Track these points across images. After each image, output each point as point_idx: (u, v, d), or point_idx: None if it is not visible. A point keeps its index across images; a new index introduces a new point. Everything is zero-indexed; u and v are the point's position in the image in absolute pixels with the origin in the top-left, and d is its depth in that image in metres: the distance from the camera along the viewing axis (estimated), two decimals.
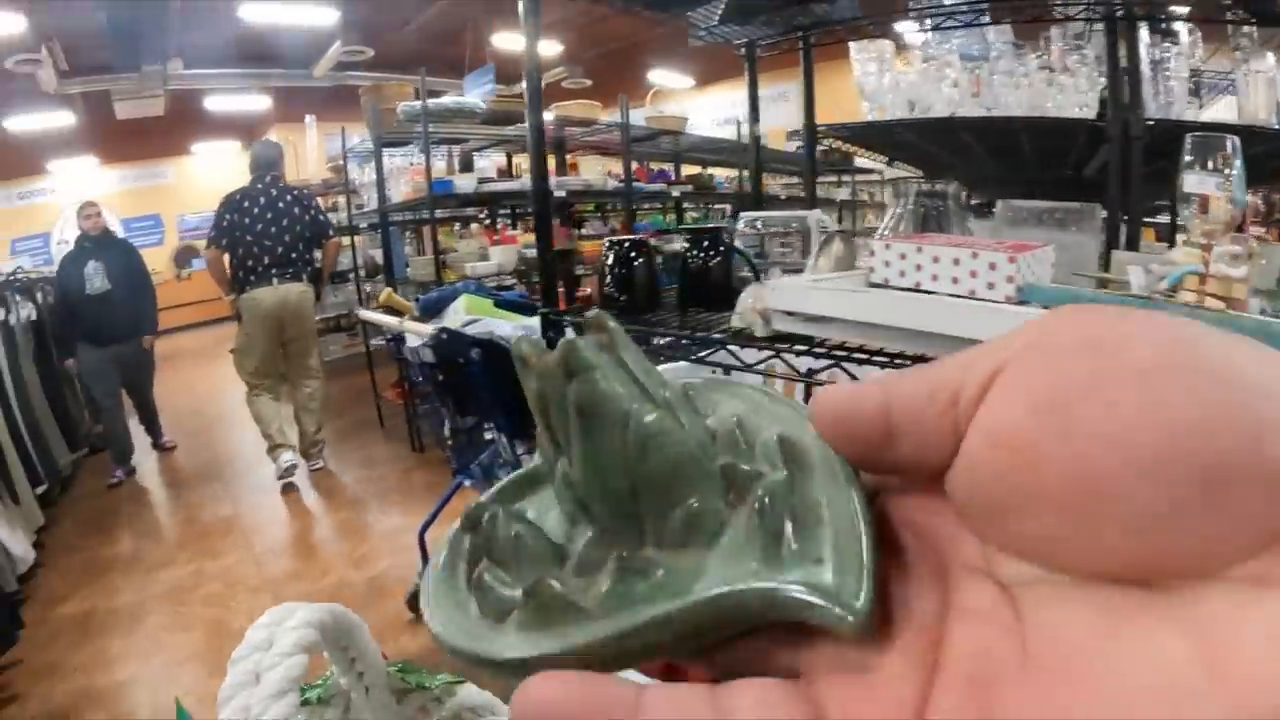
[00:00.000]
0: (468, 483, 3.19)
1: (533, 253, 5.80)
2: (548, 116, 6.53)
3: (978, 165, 2.66)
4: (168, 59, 11.44)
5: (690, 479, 0.30)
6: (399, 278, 5.84)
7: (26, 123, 12.88)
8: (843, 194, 11.69)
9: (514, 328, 2.93)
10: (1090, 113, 2.18)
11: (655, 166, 8.46)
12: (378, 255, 6.66)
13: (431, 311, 3.27)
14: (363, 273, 7.08)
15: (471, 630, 0.31)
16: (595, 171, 6.47)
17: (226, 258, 5.24)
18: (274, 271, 5.19)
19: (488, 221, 8.15)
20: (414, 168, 5.87)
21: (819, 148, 3.35)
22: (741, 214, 2.39)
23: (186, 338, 14.01)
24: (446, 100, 5.44)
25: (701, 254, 2.08)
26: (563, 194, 5.89)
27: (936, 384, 0.28)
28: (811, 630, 0.26)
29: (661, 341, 1.98)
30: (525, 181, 5.90)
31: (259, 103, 14.32)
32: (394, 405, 6.32)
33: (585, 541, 0.32)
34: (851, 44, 2.61)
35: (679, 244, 2.08)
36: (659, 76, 13.71)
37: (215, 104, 14.14)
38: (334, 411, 6.50)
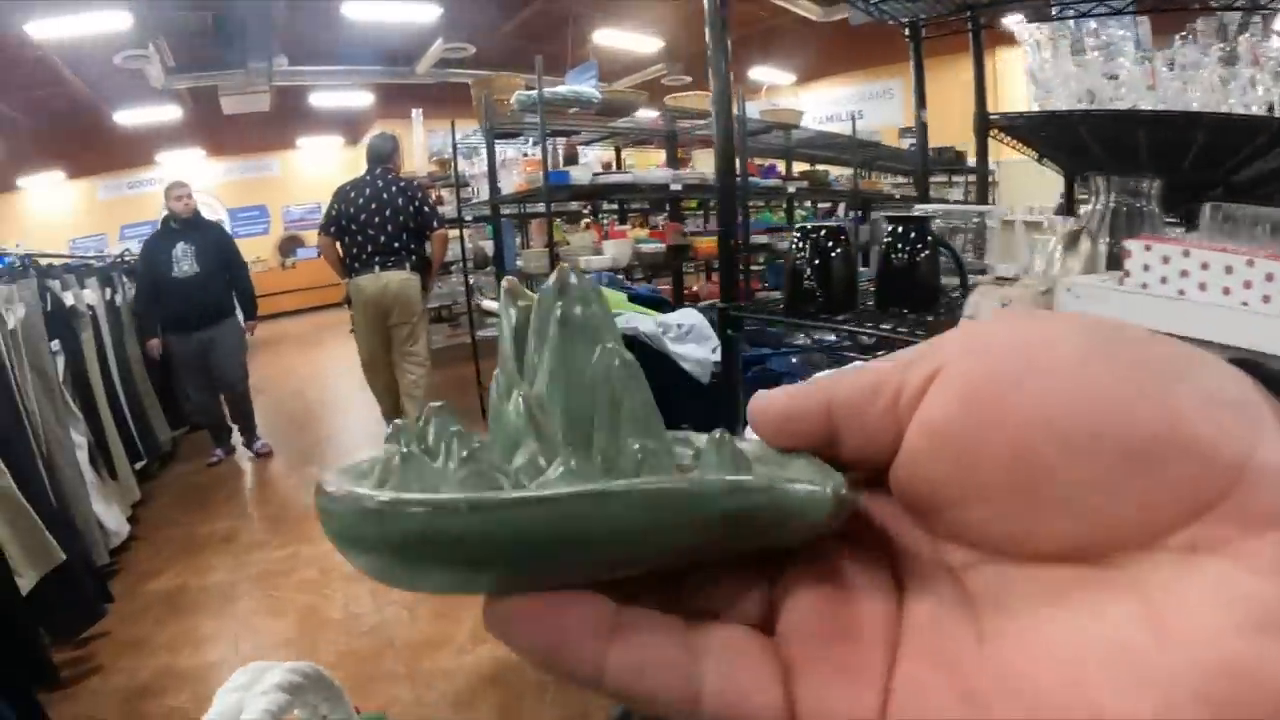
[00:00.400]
0: None
1: (647, 247, 5.64)
2: (651, 113, 6.30)
3: (1130, 163, 2.32)
4: (273, 56, 11.59)
5: (646, 424, 0.29)
6: (509, 269, 5.64)
7: (136, 116, 13.19)
8: (955, 194, 11.07)
9: (655, 323, 2.68)
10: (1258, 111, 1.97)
11: (759, 162, 8.08)
12: (486, 247, 6.51)
13: None
14: (470, 264, 6.87)
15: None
16: (710, 165, 6.12)
17: (339, 246, 5.33)
18: (377, 260, 5.22)
19: (590, 216, 7.98)
20: (527, 159, 5.69)
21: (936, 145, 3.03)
22: (917, 206, 2.22)
23: (290, 323, 14.22)
24: (562, 89, 5.20)
25: (905, 248, 1.79)
26: (678, 188, 5.62)
27: (878, 384, 0.28)
28: (783, 582, 0.28)
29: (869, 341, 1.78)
30: (640, 174, 5.71)
31: (362, 99, 14.42)
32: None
33: (527, 456, 0.29)
34: (1021, 27, 2.39)
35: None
36: (760, 74, 13.39)
37: (319, 100, 14.32)
38: (436, 400, 6.39)
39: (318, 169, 16.54)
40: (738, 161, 6.20)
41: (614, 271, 5.40)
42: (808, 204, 9.23)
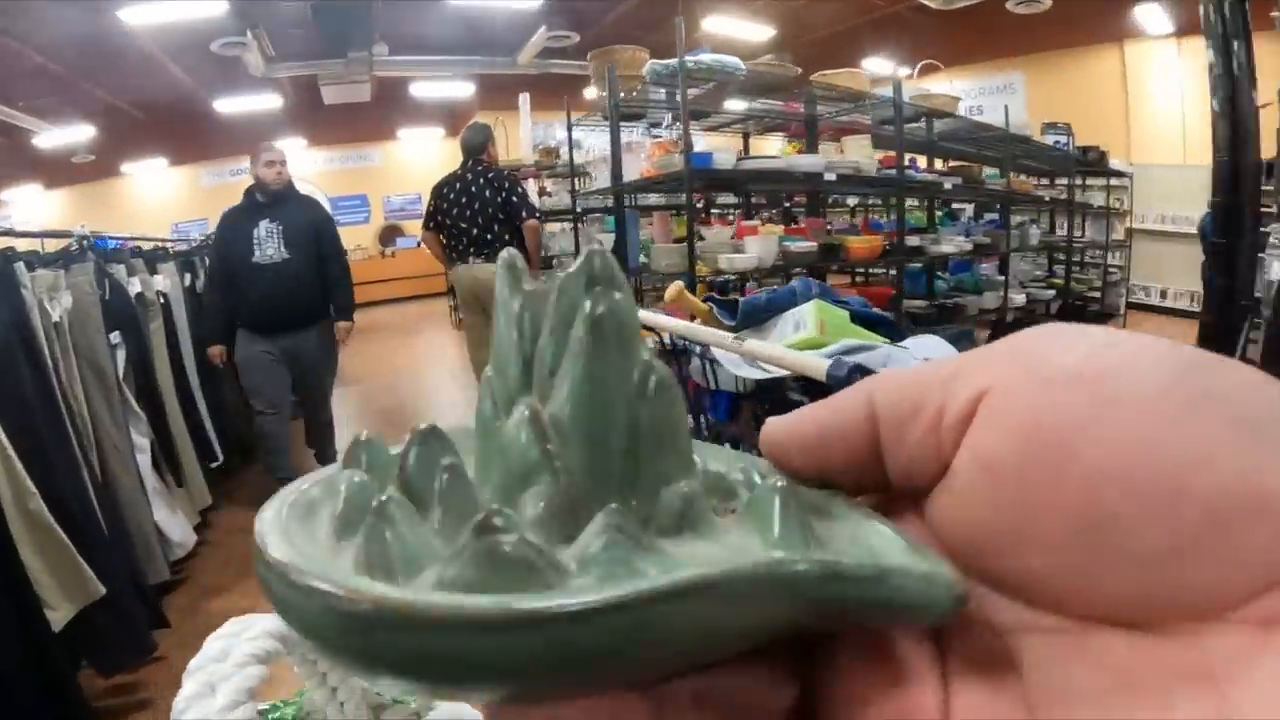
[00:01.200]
0: None
1: (796, 246, 4.76)
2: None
3: None
4: (373, 46, 11.24)
5: (684, 457, 0.25)
6: (632, 267, 4.88)
7: (236, 104, 12.89)
8: (1097, 198, 10.04)
9: (912, 356, 1.79)
10: None
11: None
12: (606, 241, 5.59)
13: (752, 319, 2.23)
14: None
15: (351, 581, 0.19)
16: (863, 153, 5.27)
17: (442, 239, 5.30)
18: (471, 251, 5.17)
19: (703, 211, 6.93)
20: (658, 141, 4.83)
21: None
22: None
23: (388, 312, 13.96)
24: (705, 56, 4.38)
25: None
26: (832, 177, 4.79)
27: (919, 398, 0.24)
28: (821, 658, 0.24)
29: None
30: (792, 160, 4.87)
31: (463, 89, 13.88)
32: None
33: (543, 504, 0.23)
34: None
35: None
36: (872, 65, 12.34)
37: (419, 90, 13.89)
38: None
39: (418, 159, 16.35)
40: (900, 149, 5.48)
41: (758, 273, 4.57)
42: (950, 204, 8.21)
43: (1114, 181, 10.29)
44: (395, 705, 0.62)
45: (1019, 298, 7.23)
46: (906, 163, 6.13)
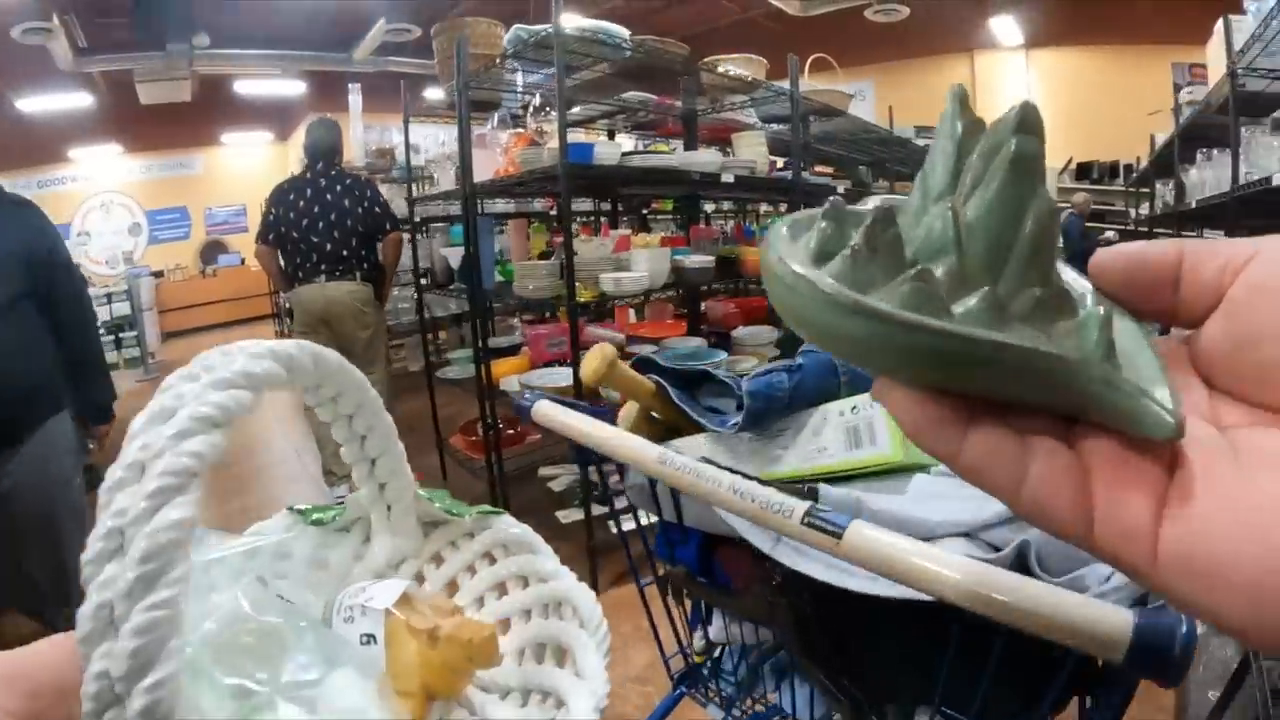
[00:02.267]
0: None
1: (691, 260, 3.80)
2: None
3: None
4: (194, 37, 9.87)
5: (1048, 268, 0.33)
6: (488, 288, 3.85)
7: (43, 104, 11.19)
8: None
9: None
10: None
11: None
12: (450, 257, 4.54)
13: (765, 418, 1.25)
14: (424, 281, 4.93)
15: (831, 285, 0.30)
16: (757, 152, 4.33)
17: (280, 255, 4.41)
18: (323, 269, 4.27)
19: (556, 220, 5.92)
20: (519, 134, 3.75)
21: None
22: None
23: (209, 339, 11.56)
24: (586, 22, 3.37)
25: None
26: (729, 178, 3.87)
27: (1215, 250, 0.32)
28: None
29: None
30: (688, 158, 3.86)
31: (293, 88, 12.40)
32: (463, 456, 4.41)
33: (946, 271, 0.32)
34: None
35: None
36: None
37: (246, 88, 12.29)
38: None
39: (243, 167, 14.61)
40: (797, 146, 4.57)
41: (648, 295, 3.58)
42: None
43: None
44: (448, 520, 0.58)
45: None
46: (783, 165, 5.29)
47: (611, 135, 5.45)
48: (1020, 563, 0.83)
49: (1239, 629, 0.26)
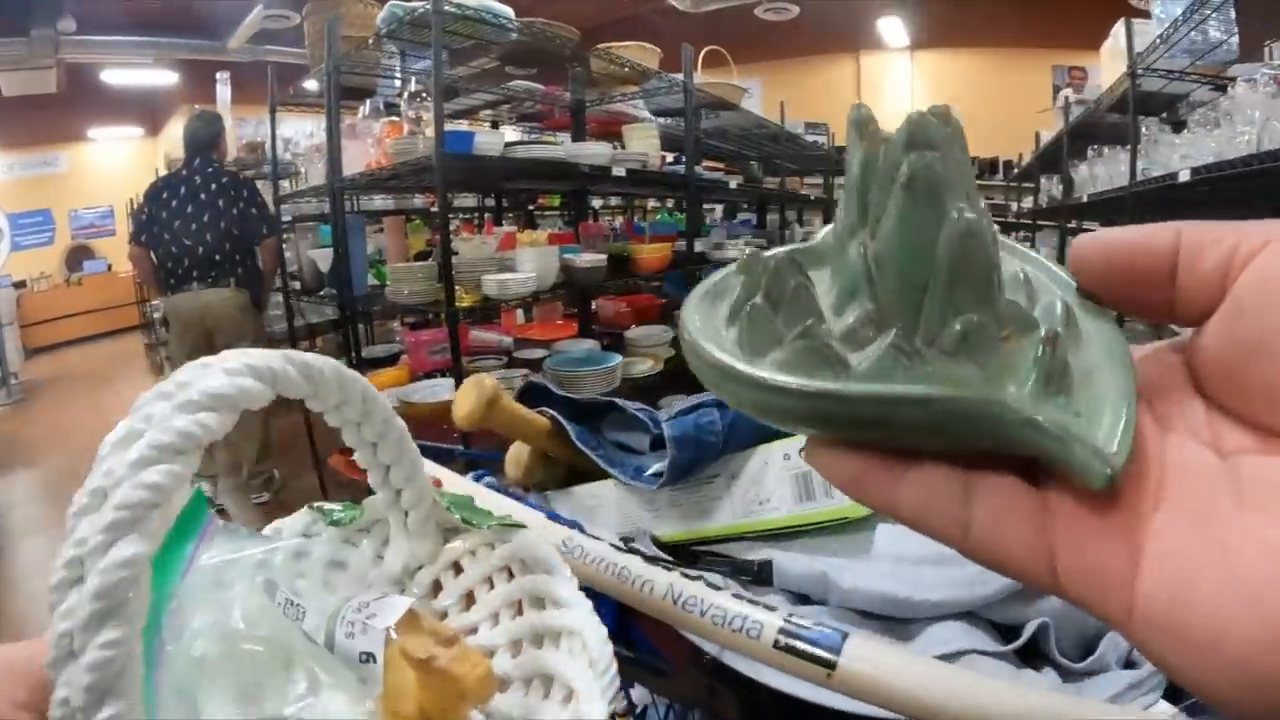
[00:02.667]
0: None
1: (581, 258, 3.55)
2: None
3: None
4: (59, 21, 9.13)
5: (980, 293, 0.28)
6: (359, 293, 3.48)
7: None
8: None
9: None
10: None
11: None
12: (319, 259, 4.06)
13: (697, 465, 0.97)
14: (296, 286, 4.47)
15: (729, 351, 0.30)
16: (648, 144, 4.10)
17: (153, 257, 4.09)
18: (195, 275, 4.00)
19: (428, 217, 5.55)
20: (393, 122, 3.42)
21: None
22: None
23: (78, 356, 10.97)
24: (469, 0, 2.99)
25: None
26: (621, 172, 3.61)
27: (1219, 235, 0.27)
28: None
29: None
30: (576, 149, 3.56)
31: (165, 78, 11.60)
32: (344, 478, 3.88)
33: (859, 316, 0.30)
34: None
35: None
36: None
37: (114, 78, 11.45)
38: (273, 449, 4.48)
39: (112, 165, 13.48)
40: (690, 141, 4.27)
41: (535, 296, 3.28)
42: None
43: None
44: (466, 530, 0.57)
45: None
46: (672, 160, 5.08)
47: (495, 127, 5.11)
48: (1034, 646, 0.72)
49: (1223, 704, 0.22)
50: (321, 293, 4.02)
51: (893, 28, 11.45)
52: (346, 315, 3.56)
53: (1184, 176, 2.87)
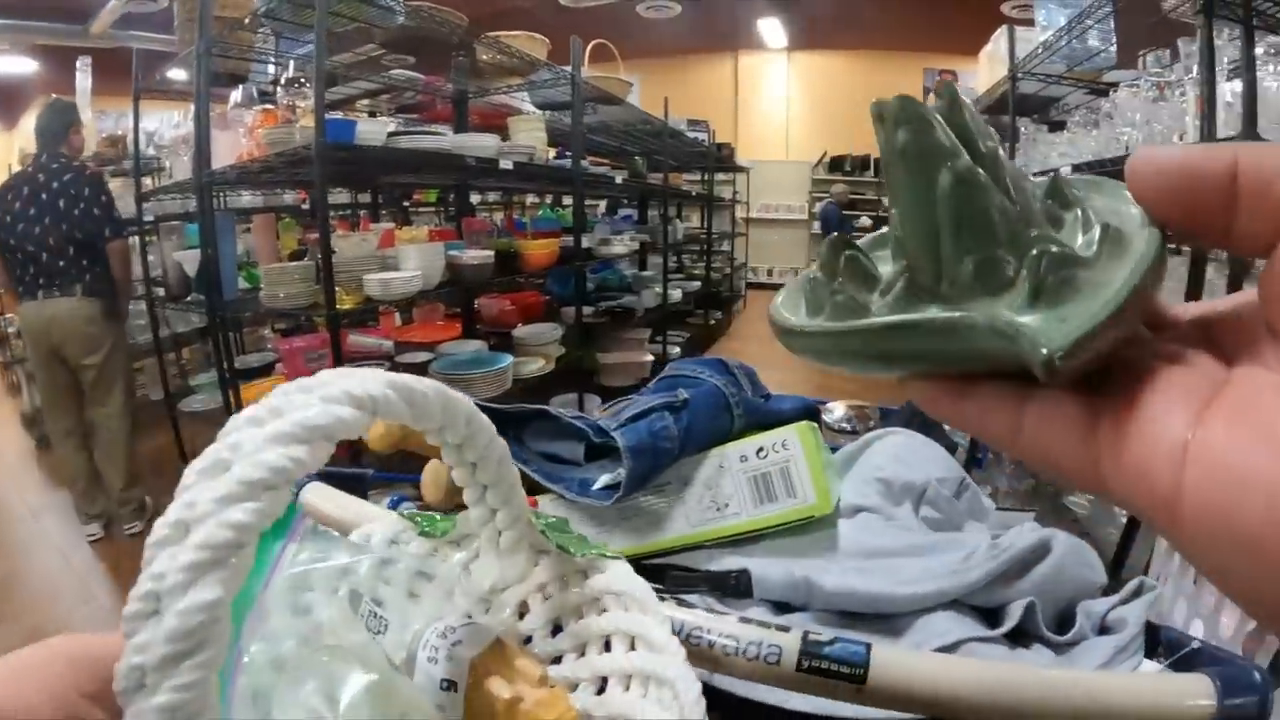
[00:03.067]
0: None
1: (467, 255, 3.36)
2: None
3: None
4: None
5: (983, 232, 0.29)
6: (229, 298, 3.19)
7: None
8: (724, 192, 10.89)
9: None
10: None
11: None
12: (185, 262, 3.66)
13: (655, 471, 0.89)
14: (160, 292, 4.04)
15: (792, 314, 0.35)
16: (535, 136, 3.96)
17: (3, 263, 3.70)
18: (41, 283, 3.59)
19: (311, 212, 5.14)
20: (268, 110, 3.15)
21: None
22: None
23: None
24: None
25: None
26: (508, 165, 3.46)
27: (1277, 158, 0.24)
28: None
29: None
30: (462, 140, 3.37)
31: (22, 66, 10.83)
32: None
33: (895, 272, 0.32)
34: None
35: None
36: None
37: None
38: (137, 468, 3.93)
39: None
40: (578, 135, 4.17)
41: (421, 295, 3.10)
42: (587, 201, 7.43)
43: (726, 176, 11.07)
44: (558, 554, 0.53)
45: (675, 293, 6.88)
46: (555, 154, 4.95)
47: (373, 117, 4.88)
48: (1018, 626, 0.73)
49: (1266, 607, 0.22)
50: (189, 298, 3.68)
51: (771, 28, 11.69)
52: (216, 322, 3.26)
53: (1066, 172, 2.91)
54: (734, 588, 0.78)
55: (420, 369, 3.39)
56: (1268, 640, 1.07)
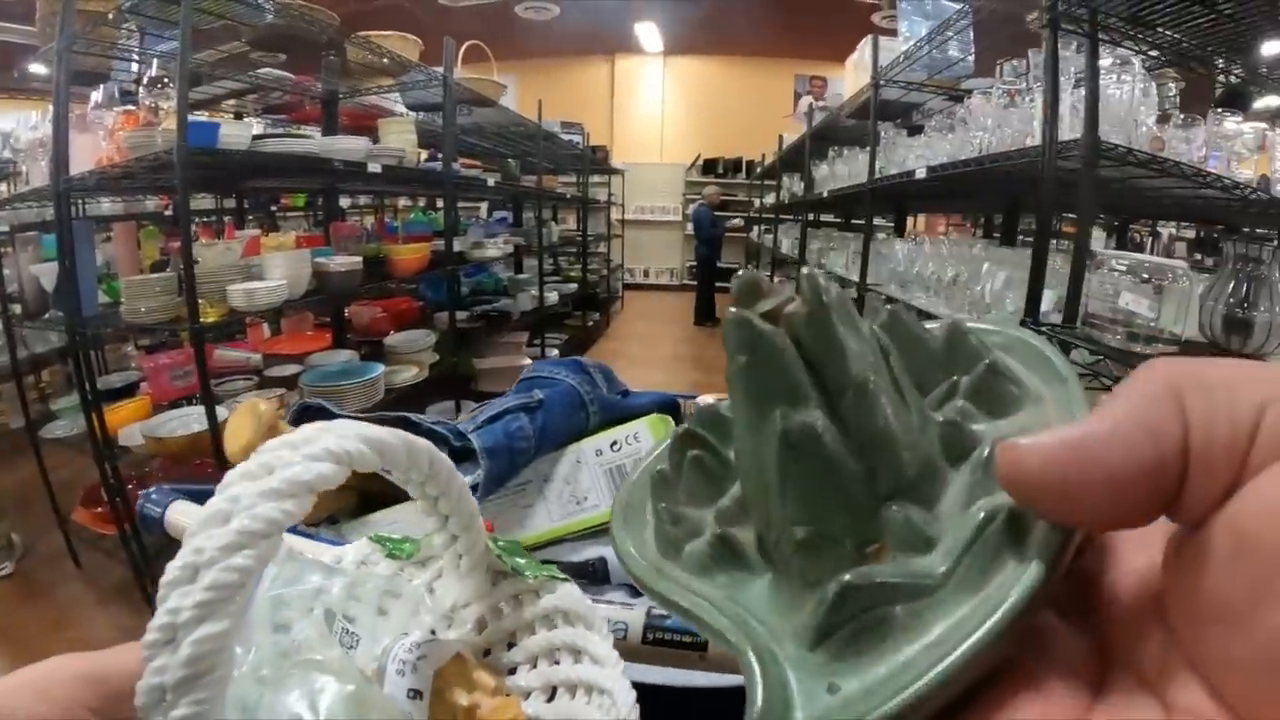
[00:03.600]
0: None
1: (335, 262, 3.26)
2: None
3: None
4: None
5: (817, 504, 0.25)
6: (89, 314, 3.02)
7: None
8: (600, 194, 10.88)
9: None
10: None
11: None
12: (43, 277, 3.44)
13: (511, 472, 0.95)
14: (17, 310, 3.74)
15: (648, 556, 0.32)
16: (405, 139, 3.87)
17: None
18: None
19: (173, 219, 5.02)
20: (129, 112, 3.01)
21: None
22: None
23: None
24: None
25: None
26: (377, 168, 3.36)
27: (1210, 421, 0.19)
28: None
29: None
30: (330, 143, 3.28)
31: None
32: (92, 534, 3.38)
33: (733, 496, 0.31)
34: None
35: None
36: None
37: None
38: None
39: None
40: (450, 137, 4.17)
41: (288, 304, 2.99)
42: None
43: (601, 178, 11.16)
44: (513, 576, 0.58)
45: (551, 295, 6.84)
46: (428, 156, 4.88)
47: (239, 118, 4.71)
48: None
49: None
50: (47, 315, 3.43)
51: (648, 32, 11.85)
52: (76, 341, 3.01)
53: (921, 174, 3.11)
54: (593, 575, 0.83)
55: (289, 382, 3.33)
56: None
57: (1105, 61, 2.09)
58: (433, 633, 0.54)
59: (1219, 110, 2.37)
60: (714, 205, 10.05)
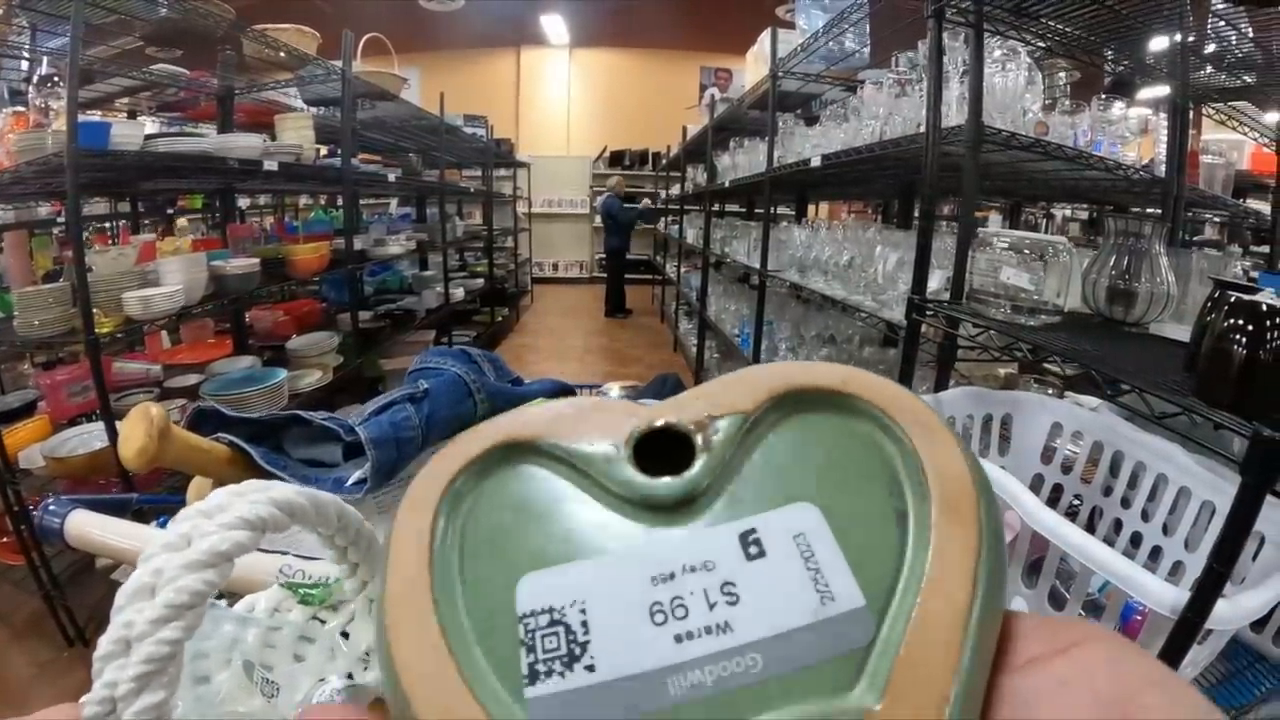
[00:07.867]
0: None
1: (232, 264, 3.20)
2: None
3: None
4: None
5: None
6: None
7: None
8: (504, 188, 11.13)
9: None
10: None
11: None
12: None
13: (401, 463, 0.94)
14: None
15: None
16: (302, 135, 3.79)
17: None
18: None
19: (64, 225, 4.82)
20: (18, 114, 2.88)
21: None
22: None
23: None
24: None
25: None
26: (273, 166, 3.30)
27: None
28: None
29: None
30: (224, 141, 3.21)
31: None
32: (3, 565, 3.07)
33: None
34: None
35: None
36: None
37: None
38: None
39: None
40: (348, 133, 4.13)
41: (186, 311, 2.92)
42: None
43: (506, 171, 11.33)
44: None
45: (457, 292, 6.85)
46: (328, 152, 4.86)
47: (133, 117, 4.55)
48: None
49: None
50: None
51: (554, 25, 11.89)
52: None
53: (815, 162, 3.17)
54: None
55: (190, 392, 3.26)
56: None
57: (997, 53, 2.16)
58: (350, 676, 0.54)
59: (1105, 97, 2.46)
60: (620, 195, 10.09)
